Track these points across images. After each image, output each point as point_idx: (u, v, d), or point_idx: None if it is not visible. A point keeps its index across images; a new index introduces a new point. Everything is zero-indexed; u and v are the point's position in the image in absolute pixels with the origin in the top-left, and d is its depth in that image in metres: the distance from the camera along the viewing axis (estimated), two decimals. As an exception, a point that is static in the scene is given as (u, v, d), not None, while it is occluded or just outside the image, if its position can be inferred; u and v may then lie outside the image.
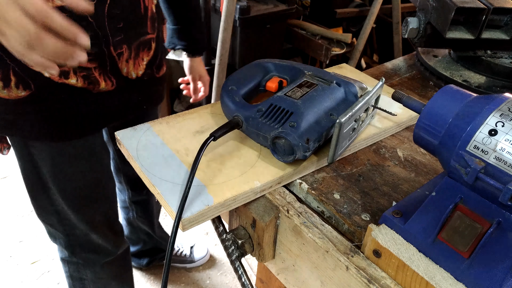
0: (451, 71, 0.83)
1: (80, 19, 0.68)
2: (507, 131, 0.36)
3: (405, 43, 2.45)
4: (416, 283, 0.39)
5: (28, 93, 0.73)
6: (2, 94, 0.73)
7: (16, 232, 1.79)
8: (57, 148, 0.83)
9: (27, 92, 0.73)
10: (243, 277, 0.54)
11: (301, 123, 0.51)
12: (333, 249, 0.45)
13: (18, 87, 0.72)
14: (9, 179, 2.06)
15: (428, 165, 0.58)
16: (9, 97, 0.73)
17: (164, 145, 0.56)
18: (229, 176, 0.51)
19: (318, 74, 0.62)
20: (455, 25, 0.74)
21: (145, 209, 1.34)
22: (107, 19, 0.74)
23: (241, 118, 0.55)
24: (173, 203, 0.46)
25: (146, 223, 1.39)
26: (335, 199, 0.51)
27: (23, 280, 1.59)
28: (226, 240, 0.53)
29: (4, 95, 0.73)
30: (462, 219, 0.38)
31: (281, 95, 0.56)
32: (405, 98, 0.51)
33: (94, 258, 1.06)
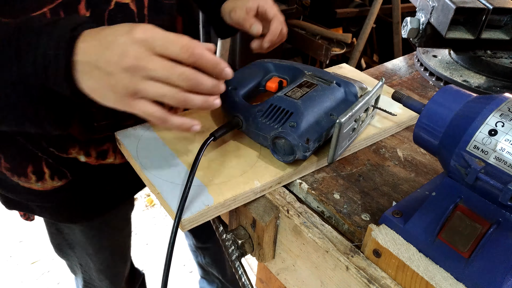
0: (451, 71, 0.83)
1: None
2: (507, 131, 0.36)
3: (405, 43, 2.45)
4: (416, 283, 0.39)
5: (65, 182, 0.67)
6: (36, 187, 0.66)
7: (16, 232, 1.79)
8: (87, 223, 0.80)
9: (64, 182, 0.67)
10: (243, 277, 0.54)
11: (301, 123, 0.51)
12: (333, 249, 0.45)
13: (53, 179, 0.66)
14: (9, 179, 2.06)
15: (428, 165, 0.58)
16: (44, 188, 0.67)
17: (164, 145, 0.56)
18: (229, 176, 0.51)
19: (318, 74, 0.62)
20: (455, 25, 0.74)
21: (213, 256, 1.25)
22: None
23: (241, 118, 0.55)
24: (173, 203, 0.46)
25: (215, 269, 1.30)
26: (335, 199, 0.51)
27: (23, 280, 1.59)
28: (226, 240, 0.53)
29: (38, 187, 0.66)
30: (462, 219, 0.38)
31: (281, 95, 0.56)
32: (405, 98, 0.51)
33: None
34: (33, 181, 0.65)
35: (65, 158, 0.64)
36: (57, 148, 0.63)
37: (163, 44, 0.41)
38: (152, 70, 0.41)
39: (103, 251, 0.88)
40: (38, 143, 0.62)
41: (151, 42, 0.41)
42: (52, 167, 0.65)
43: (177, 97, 0.43)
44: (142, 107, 0.43)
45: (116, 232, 0.88)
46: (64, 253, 0.89)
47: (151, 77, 0.41)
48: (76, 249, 0.86)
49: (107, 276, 0.94)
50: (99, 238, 0.84)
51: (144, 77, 0.41)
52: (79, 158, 0.65)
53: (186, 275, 1.67)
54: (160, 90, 0.42)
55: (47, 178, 0.66)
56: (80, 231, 0.81)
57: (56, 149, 0.63)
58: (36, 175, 0.64)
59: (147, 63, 0.41)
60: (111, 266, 0.93)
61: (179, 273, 1.67)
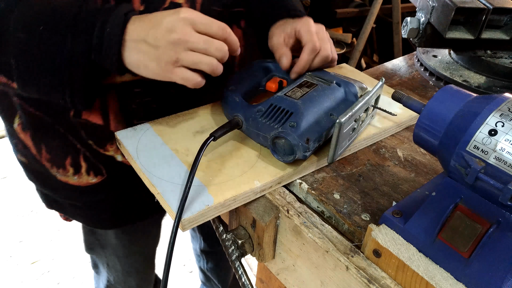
0: (451, 71, 0.83)
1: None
2: (507, 131, 0.36)
3: (405, 43, 2.45)
4: (416, 283, 0.39)
5: (100, 179, 0.68)
6: (72, 181, 0.68)
7: (16, 232, 1.79)
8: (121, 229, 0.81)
9: (99, 179, 0.68)
10: (243, 277, 0.54)
11: (301, 123, 0.51)
12: (333, 249, 0.45)
13: (89, 174, 0.67)
14: (9, 179, 2.06)
15: (428, 165, 0.58)
16: (79, 183, 0.68)
17: (164, 145, 0.56)
18: (229, 176, 0.51)
19: (318, 74, 0.62)
20: (455, 25, 0.74)
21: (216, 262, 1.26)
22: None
23: (241, 118, 0.55)
24: (173, 203, 0.46)
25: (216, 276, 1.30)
26: (335, 199, 0.51)
27: (23, 280, 1.59)
28: (226, 240, 0.53)
29: (74, 181, 0.68)
30: (462, 219, 0.38)
31: (281, 95, 0.56)
32: (405, 98, 0.51)
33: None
34: (70, 174, 0.67)
35: (102, 154, 0.66)
36: (96, 142, 0.65)
37: (204, 22, 0.51)
38: (194, 43, 0.50)
39: (134, 255, 0.88)
40: (78, 134, 0.64)
41: (194, 21, 0.50)
42: (89, 161, 0.67)
43: (211, 64, 0.52)
44: (181, 73, 0.51)
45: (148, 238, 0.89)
46: (94, 251, 0.90)
47: (193, 48, 0.50)
48: (106, 249, 0.87)
49: (135, 279, 0.94)
50: (131, 242, 0.85)
51: (187, 48, 0.50)
52: (116, 157, 0.67)
53: (186, 275, 1.67)
54: (199, 58, 0.51)
55: (83, 173, 0.67)
56: (113, 234, 0.82)
57: (94, 142, 0.65)
58: (73, 167, 0.67)
59: (190, 37, 0.50)
60: (140, 270, 0.93)
61: (179, 273, 1.67)
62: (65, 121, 0.62)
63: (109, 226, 0.78)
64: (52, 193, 0.73)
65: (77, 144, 0.65)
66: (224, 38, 0.53)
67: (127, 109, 0.64)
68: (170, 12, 0.50)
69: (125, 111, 0.64)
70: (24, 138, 0.66)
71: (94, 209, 0.73)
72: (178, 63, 0.51)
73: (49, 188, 0.72)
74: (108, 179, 0.69)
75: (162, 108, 0.65)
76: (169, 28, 0.49)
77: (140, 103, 0.64)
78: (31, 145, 0.67)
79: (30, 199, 1.96)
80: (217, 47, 0.51)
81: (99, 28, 0.49)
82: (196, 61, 0.51)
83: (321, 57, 0.65)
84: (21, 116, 0.64)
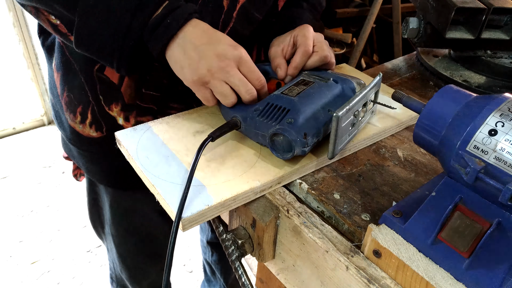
0: (451, 71, 0.83)
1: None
2: (507, 131, 0.36)
3: (405, 43, 2.45)
4: (416, 283, 0.39)
5: (99, 135, 0.73)
6: (78, 129, 0.74)
7: (16, 232, 1.79)
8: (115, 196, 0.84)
9: (99, 134, 0.73)
10: (243, 277, 0.54)
11: (298, 119, 0.51)
12: (333, 249, 0.45)
13: (91, 127, 0.73)
14: (9, 179, 2.06)
15: (428, 165, 0.58)
16: (83, 133, 0.74)
17: (164, 145, 0.56)
18: (229, 176, 0.51)
19: (315, 73, 0.63)
20: (455, 25, 0.74)
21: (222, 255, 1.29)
22: None
23: (239, 119, 0.55)
24: (173, 203, 0.46)
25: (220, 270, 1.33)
26: (335, 199, 0.51)
27: (23, 280, 1.59)
28: (226, 240, 0.53)
29: (79, 130, 0.74)
30: (462, 219, 0.38)
31: (278, 94, 0.56)
32: (405, 98, 0.51)
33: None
34: (78, 121, 0.73)
35: (106, 112, 0.71)
36: (104, 98, 0.70)
37: (249, 66, 0.56)
38: (231, 77, 0.54)
39: (126, 235, 0.89)
40: (94, 87, 0.69)
41: (243, 62, 0.55)
42: (94, 115, 0.71)
43: (231, 101, 0.56)
44: (204, 93, 0.56)
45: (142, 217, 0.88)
46: (96, 229, 0.95)
47: (227, 80, 0.55)
48: (105, 228, 0.91)
49: (128, 267, 0.95)
50: (122, 216, 0.87)
51: (222, 78, 0.55)
52: (117, 119, 0.71)
53: (186, 275, 1.67)
54: (226, 91, 0.55)
55: (87, 124, 0.73)
56: (109, 206, 0.85)
57: (103, 98, 0.70)
58: (81, 116, 0.72)
59: (231, 70, 0.54)
60: (133, 255, 0.94)
61: (179, 273, 1.67)
62: (88, 72, 0.68)
63: (105, 182, 0.81)
64: (64, 135, 0.79)
65: (90, 96, 0.70)
66: (257, 88, 0.57)
67: (141, 77, 0.68)
68: (229, 42, 0.55)
69: (139, 79, 0.68)
70: (56, 77, 0.73)
71: (94, 161, 0.78)
72: (208, 85, 0.55)
73: (63, 130, 0.79)
74: (106, 138, 0.73)
75: (171, 86, 0.69)
76: (220, 54, 0.54)
77: (154, 75, 0.68)
78: (58, 84, 0.73)
79: (30, 199, 1.96)
80: (248, 90, 0.55)
81: (161, 15, 0.54)
82: (223, 92, 0.55)
83: (319, 57, 0.65)
84: (56, 57, 0.71)
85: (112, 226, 0.88)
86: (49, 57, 0.74)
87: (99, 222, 0.91)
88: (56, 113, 0.79)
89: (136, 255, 0.94)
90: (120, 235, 0.89)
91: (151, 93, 0.69)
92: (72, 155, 0.82)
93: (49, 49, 0.73)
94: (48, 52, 0.74)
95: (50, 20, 0.59)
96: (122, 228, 0.88)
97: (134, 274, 0.97)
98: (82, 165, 0.81)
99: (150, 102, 0.70)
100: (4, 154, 2.18)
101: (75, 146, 0.77)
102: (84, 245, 1.75)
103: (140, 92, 0.69)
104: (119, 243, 0.91)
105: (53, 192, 2.01)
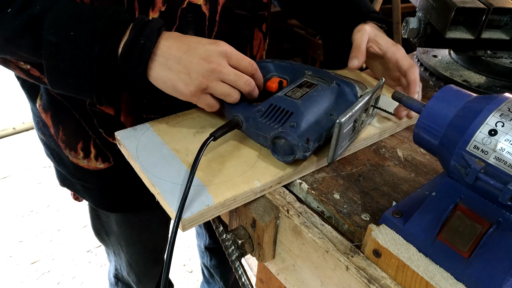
0: (451, 71, 0.83)
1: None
2: (507, 131, 0.36)
3: (405, 43, 2.44)
4: (416, 283, 0.39)
5: (107, 165, 0.72)
6: (82, 164, 0.72)
7: (16, 232, 1.79)
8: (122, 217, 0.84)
9: (106, 165, 0.72)
10: (243, 277, 0.54)
11: (301, 123, 0.51)
12: (333, 249, 0.45)
13: (97, 159, 0.71)
14: (9, 179, 2.06)
15: (428, 165, 0.58)
16: (88, 167, 0.72)
17: (164, 145, 0.56)
18: (229, 176, 0.51)
19: (318, 74, 0.62)
20: (455, 25, 0.74)
21: (220, 260, 1.29)
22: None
23: (241, 118, 0.55)
24: (173, 203, 0.46)
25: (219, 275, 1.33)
26: (335, 199, 0.51)
27: (23, 280, 1.59)
28: (226, 240, 0.53)
29: (84, 164, 0.72)
30: (462, 219, 0.38)
31: (281, 95, 0.56)
32: (405, 98, 0.51)
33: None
34: (81, 157, 0.72)
35: (110, 143, 0.70)
36: (105, 131, 0.69)
37: (237, 57, 0.54)
38: (226, 74, 0.53)
39: (133, 245, 0.91)
40: (91, 121, 0.68)
41: (229, 55, 0.53)
42: (98, 148, 0.70)
43: (235, 97, 0.55)
44: (206, 100, 0.55)
45: (149, 232, 0.90)
46: (102, 238, 0.94)
47: (224, 80, 0.53)
48: (111, 236, 0.91)
49: (135, 272, 0.97)
50: (131, 233, 0.88)
51: (218, 79, 0.53)
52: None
53: (186, 275, 1.67)
54: (227, 90, 0.54)
55: (92, 158, 0.71)
56: (115, 222, 0.85)
57: (104, 130, 0.69)
58: (84, 151, 0.71)
59: (223, 68, 0.52)
60: (140, 262, 0.95)
61: (179, 273, 1.67)
62: (81, 108, 0.66)
63: (112, 209, 0.81)
64: (65, 171, 0.77)
65: (89, 130, 0.69)
66: (252, 73, 0.56)
67: (138, 103, 0.67)
68: (208, 41, 0.53)
69: (136, 105, 0.67)
70: (45, 118, 0.71)
71: (100, 191, 0.77)
72: (207, 90, 0.54)
73: (63, 166, 0.77)
74: (115, 167, 0.72)
75: (171, 106, 0.68)
76: (205, 57, 0.52)
77: (151, 99, 0.67)
78: (50, 124, 0.71)
79: (30, 199, 1.96)
80: (245, 81, 0.54)
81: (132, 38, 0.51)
82: (224, 92, 0.54)
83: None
84: (43, 97, 0.69)
85: (121, 237, 0.89)
86: (32, 98, 0.71)
87: (104, 231, 0.91)
88: (52, 151, 0.77)
89: (144, 262, 0.96)
90: (129, 246, 0.90)
91: (153, 116, 0.68)
92: (75, 189, 0.80)
93: (31, 90, 0.70)
94: (30, 93, 0.71)
95: (20, 66, 0.57)
96: (130, 240, 0.89)
97: (141, 278, 0.99)
98: (88, 197, 0.79)
99: None
100: (4, 154, 2.18)
101: (80, 181, 0.76)
102: (84, 245, 1.75)
103: (141, 118, 0.68)
104: (127, 252, 0.92)
105: (53, 192, 2.01)
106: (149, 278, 1.01)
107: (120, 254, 0.94)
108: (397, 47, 0.66)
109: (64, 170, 0.77)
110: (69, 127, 0.69)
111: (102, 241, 0.95)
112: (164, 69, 0.53)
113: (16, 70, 0.59)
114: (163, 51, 0.52)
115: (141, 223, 0.87)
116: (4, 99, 2.39)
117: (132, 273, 0.97)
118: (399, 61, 0.65)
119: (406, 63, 0.65)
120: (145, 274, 0.99)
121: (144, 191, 0.75)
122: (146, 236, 0.90)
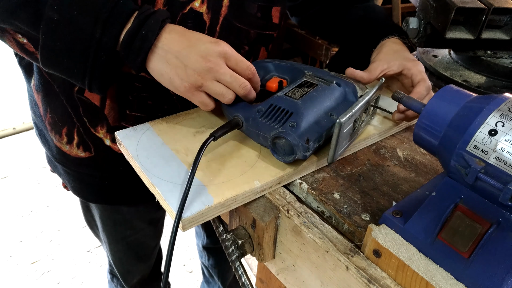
0: (451, 71, 0.83)
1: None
2: (507, 131, 0.36)
3: (405, 43, 2.44)
4: (416, 283, 0.39)
5: (87, 155, 0.72)
6: (65, 149, 0.73)
7: (16, 232, 1.79)
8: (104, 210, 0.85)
9: (87, 154, 0.72)
10: (243, 277, 0.54)
11: (301, 123, 0.51)
12: (333, 249, 0.45)
13: (78, 148, 0.72)
14: (9, 179, 2.06)
15: (428, 165, 0.58)
16: (70, 153, 0.73)
17: (164, 145, 0.56)
18: (229, 176, 0.51)
19: (318, 74, 0.62)
20: (455, 25, 0.74)
21: (218, 259, 1.29)
22: None
23: (241, 118, 0.55)
24: (173, 203, 0.46)
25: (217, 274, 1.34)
26: (335, 199, 0.51)
27: (23, 280, 1.59)
28: (226, 240, 0.53)
29: (66, 150, 0.73)
30: (462, 219, 0.38)
31: (281, 95, 0.56)
32: (405, 98, 0.51)
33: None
34: (64, 142, 0.72)
35: (93, 134, 0.70)
36: (89, 120, 0.69)
37: (235, 58, 0.54)
38: (222, 75, 0.53)
39: (117, 243, 0.91)
40: (77, 109, 0.68)
41: (228, 56, 0.53)
42: (81, 137, 0.71)
43: (230, 98, 0.54)
44: (200, 97, 0.54)
45: (132, 230, 0.90)
46: (92, 230, 0.96)
47: (219, 79, 0.53)
48: (99, 234, 0.93)
49: (118, 270, 0.98)
50: (114, 230, 0.88)
51: (213, 78, 0.53)
52: (104, 140, 0.70)
53: (186, 275, 1.67)
54: (222, 90, 0.54)
55: (74, 145, 0.72)
56: (98, 217, 0.86)
57: (88, 120, 0.69)
58: (67, 137, 0.71)
59: (220, 68, 0.52)
60: (123, 261, 0.96)
61: (179, 273, 1.67)
62: (69, 94, 0.66)
63: (93, 200, 0.82)
64: (49, 153, 0.78)
65: (74, 117, 0.69)
66: (249, 77, 0.56)
67: (124, 99, 0.66)
68: (209, 40, 0.53)
69: (121, 100, 0.67)
70: (36, 97, 0.72)
71: (80, 179, 0.77)
72: (201, 88, 0.53)
73: (47, 148, 0.77)
74: (95, 158, 0.72)
75: (157, 106, 0.68)
76: (204, 55, 0.52)
77: (136, 96, 0.67)
78: (40, 105, 0.72)
79: (30, 199, 1.96)
80: (241, 84, 0.54)
81: (135, 27, 0.51)
82: (218, 91, 0.54)
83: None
84: (35, 78, 0.69)
85: (104, 234, 0.90)
86: (27, 76, 0.72)
87: (95, 225, 0.92)
88: (39, 131, 0.78)
89: (126, 260, 0.97)
90: (111, 243, 0.91)
91: (136, 114, 0.68)
92: (59, 172, 0.81)
93: (27, 68, 0.71)
94: (26, 71, 0.72)
95: (16, 38, 0.56)
96: (112, 237, 0.90)
97: (125, 276, 1.00)
98: (68, 183, 0.80)
99: (136, 123, 0.66)
100: (4, 154, 2.18)
101: (62, 165, 0.76)
102: (84, 245, 1.75)
103: (125, 114, 0.68)
104: (110, 249, 0.93)
105: (53, 192, 2.01)
106: (133, 275, 1.01)
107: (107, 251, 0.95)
108: (413, 63, 0.66)
109: (49, 152, 0.78)
110: (56, 111, 0.70)
111: (93, 232, 0.97)
112: (163, 62, 0.53)
113: (11, 42, 0.57)
114: (163, 44, 0.52)
115: (124, 219, 0.87)
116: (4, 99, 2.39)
117: (117, 269, 0.99)
118: (413, 77, 0.65)
119: (417, 78, 0.64)
120: (127, 272, 1.00)
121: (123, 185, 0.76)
122: (127, 232, 0.90)
